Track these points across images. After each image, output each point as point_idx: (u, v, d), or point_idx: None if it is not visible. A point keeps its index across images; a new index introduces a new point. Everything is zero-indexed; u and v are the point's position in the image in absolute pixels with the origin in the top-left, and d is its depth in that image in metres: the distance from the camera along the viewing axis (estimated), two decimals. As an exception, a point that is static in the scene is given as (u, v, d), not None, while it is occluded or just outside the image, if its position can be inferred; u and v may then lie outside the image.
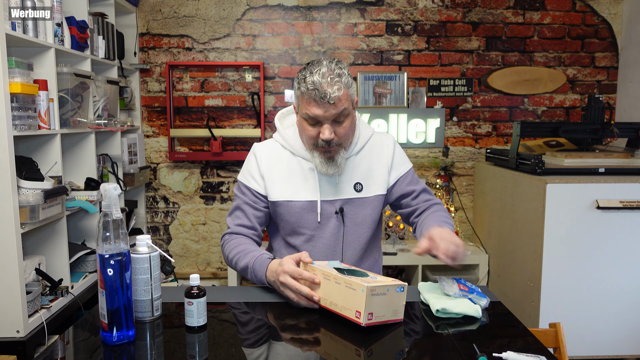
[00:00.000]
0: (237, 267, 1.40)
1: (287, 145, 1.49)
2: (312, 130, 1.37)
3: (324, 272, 1.15)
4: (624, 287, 2.23)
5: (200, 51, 3.04)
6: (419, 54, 3.08)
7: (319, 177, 1.45)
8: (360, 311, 1.05)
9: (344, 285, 1.09)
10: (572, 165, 2.37)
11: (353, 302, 1.07)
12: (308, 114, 1.34)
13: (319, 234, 1.46)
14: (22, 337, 1.74)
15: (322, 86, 1.29)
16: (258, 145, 1.53)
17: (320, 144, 1.37)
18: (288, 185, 1.46)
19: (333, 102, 1.30)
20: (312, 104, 1.32)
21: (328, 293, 1.14)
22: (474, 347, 0.99)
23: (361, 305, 1.05)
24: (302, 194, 1.45)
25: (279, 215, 1.48)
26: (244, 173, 1.51)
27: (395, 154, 1.53)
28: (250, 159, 1.52)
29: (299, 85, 1.35)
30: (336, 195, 1.46)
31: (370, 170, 1.49)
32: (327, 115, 1.32)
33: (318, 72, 1.30)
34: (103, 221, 1.02)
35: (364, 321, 1.05)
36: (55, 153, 2.01)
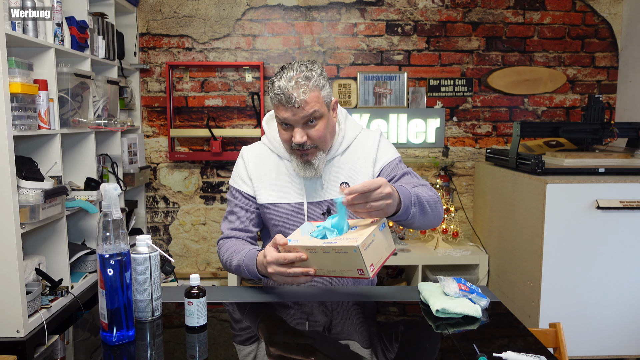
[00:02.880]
0: (232, 269, 1.40)
1: (273, 148, 1.50)
2: (286, 133, 1.37)
3: (308, 247, 1.13)
4: (624, 287, 2.23)
5: (200, 51, 3.04)
6: (419, 54, 3.08)
7: (304, 179, 1.45)
8: (362, 268, 1.06)
9: (334, 252, 1.08)
10: (572, 165, 2.37)
11: (350, 263, 1.07)
12: (279, 118, 1.34)
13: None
14: (22, 337, 1.74)
15: (287, 90, 1.28)
16: (246, 148, 1.54)
17: (294, 147, 1.37)
18: (275, 187, 1.46)
19: (299, 105, 1.29)
20: (280, 108, 1.32)
21: (321, 263, 1.13)
22: (474, 347, 0.99)
23: (360, 263, 1.06)
24: (289, 196, 1.45)
25: (267, 218, 1.48)
26: (234, 177, 1.53)
27: (380, 147, 1.49)
28: (238, 162, 1.53)
29: (268, 90, 1.35)
30: (322, 197, 1.45)
31: (356, 169, 1.47)
32: (297, 119, 1.32)
33: (285, 76, 1.30)
34: (103, 221, 1.02)
35: (369, 275, 1.06)
36: (55, 153, 2.01)
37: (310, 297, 1.31)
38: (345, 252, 1.06)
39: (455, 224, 3.03)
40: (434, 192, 1.34)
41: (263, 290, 1.37)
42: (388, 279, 3.24)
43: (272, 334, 1.11)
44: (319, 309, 1.23)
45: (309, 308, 1.24)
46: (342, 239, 1.10)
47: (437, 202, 1.32)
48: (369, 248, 1.06)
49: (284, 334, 1.11)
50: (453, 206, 3.03)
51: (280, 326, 1.16)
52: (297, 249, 1.15)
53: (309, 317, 1.19)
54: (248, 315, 1.23)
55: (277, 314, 1.21)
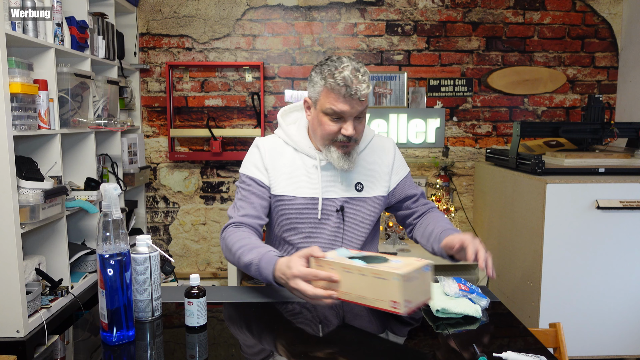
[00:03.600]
0: (239, 262, 1.33)
1: (290, 141, 1.49)
2: (334, 125, 1.36)
3: (344, 265, 1.06)
4: (624, 287, 2.23)
5: (200, 51, 3.04)
6: (419, 54, 3.08)
7: (321, 174, 1.45)
8: (398, 301, 0.99)
9: (372, 276, 1.02)
10: (572, 165, 2.37)
11: (386, 292, 1.00)
12: (333, 109, 1.33)
13: (318, 232, 1.45)
14: (22, 337, 1.74)
15: (352, 82, 1.28)
16: (260, 139, 1.52)
17: (340, 139, 1.37)
18: (290, 180, 1.45)
19: (363, 99, 1.32)
20: (339, 100, 1.31)
21: (353, 286, 1.05)
22: (474, 347, 0.99)
23: (397, 295, 0.99)
24: (304, 190, 1.44)
25: (279, 210, 1.47)
26: (247, 166, 1.49)
27: (396, 158, 1.55)
28: (253, 152, 1.50)
29: (324, 79, 1.32)
30: (337, 194, 1.46)
31: (372, 171, 1.50)
32: (353, 112, 1.33)
33: (347, 68, 1.29)
34: (103, 221, 1.02)
35: (403, 310, 0.99)
36: (55, 153, 2.01)
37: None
38: (384, 278, 1.00)
39: (455, 224, 3.03)
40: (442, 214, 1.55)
41: (264, 291, 1.37)
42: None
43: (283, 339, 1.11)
44: (319, 310, 1.23)
45: (310, 308, 1.24)
46: (385, 266, 1.03)
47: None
48: (409, 282, 1.00)
49: (295, 338, 1.11)
50: (453, 206, 3.03)
51: (289, 329, 1.15)
52: (332, 265, 1.09)
53: (307, 318, 1.19)
54: (255, 322, 1.23)
55: (285, 316, 1.21)
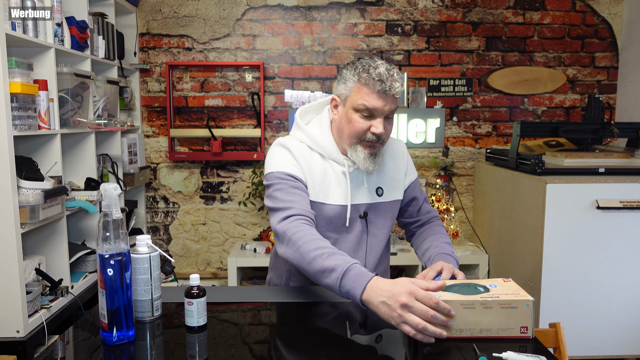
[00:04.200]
0: (313, 265, 1.16)
1: (316, 147, 1.42)
2: (363, 123, 1.33)
3: (464, 302, 1.02)
4: (624, 287, 2.23)
5: (200, 51, 3.04)
6: (419, 54, 3.08)
7: (351, 180, 1.41)
8: (528, 326, 1.03)
9: (499, 307, 1.02)
10: (572, 165, 2.37)
11: (516, 320, 1.03)
12: (366, 105, 1.30)
13: (343, 238, 1.43)
14: (22, 337, 1.74)
15: (387, 79, 1.28)
16: (285, 141, 1.42)
17: (369, 138, 1.34)
18: (321, 187, 1.40)
19: (397, 96, 1.31)
20: (373, 95, 1.30)
21: (475, 321, 1.03)
22: (473, 347, 0.99)
23: (527, 320, 1.03)
24: (333, 197, 1.40)
25: None
26: (282, 163, 1.38)
27: (409, 160, 1.56)
28: (282, 152, 1.40)
29: (358, 75, 1.31)
30: (361, 200, 1.43)
31: (389, 175, 1.49)
32: (385, 109, 1.31)
33: (382, 66, 1.29)
34: (103, 221, 1.02)
35: (532, 333, 1.03)
36: (55, 153, 2.01)
37: (311, 297, 1.30)
38: (513, 307, 1.02)
39: (455, 224, 3.03)
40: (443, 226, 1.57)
41: (264, 291, 1.37)
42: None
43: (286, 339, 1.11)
44: (319, 310, 1.23)
45: (310, 309, 1.24)
46: (498, 294, 1.05)
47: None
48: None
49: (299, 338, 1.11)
50: (453, 206, 3.03)
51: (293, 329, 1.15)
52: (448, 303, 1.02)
53: (308, 318, 1.19)
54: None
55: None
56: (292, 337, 1.10)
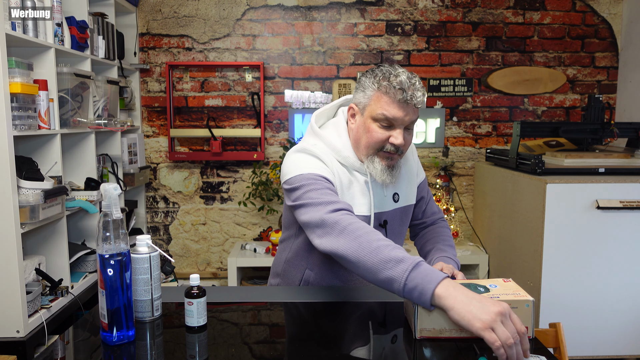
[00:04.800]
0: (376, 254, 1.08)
1: (341, 159, 1.35)
2: (382, 133, 1.27)
3: None
4: (624, 287, 2.23)
5: (200, 51, 3.04)
6: (419, 54, 3.08)
7: (373, 191, 1.37)
8: (528, 326, 1.02)
9: None
10: (572, 165, 2.37)
11: None
12: (386, 115, 1.25)
13: None
14: (22, 337, 1.74)
15: (409, 88, 1.23)
16: (310, 146, 1.34)
17: (388, 149, 1.29)
18: (347, 196, 1.35)
19: (419, 106, 1.25)
20: (394, 105, 1.24)
21: None
22: (473, 347, 0.99)
23: (528, 320, 1.02)
24: (358, 207, 1.35)
25: None
26: (309, 166, 1.29)
27: (419, 161, 1.55)
28: (307, 158, 1.32)
29: (379, 83, 1.25)
30: (382, 208, 1.41)
31: (404, 180, 1.46)
32: (406, 120, 1.26)
33: (403, 74, 1.24)
34: (103, 221, 1.02)
35: (532, 334, 1.03)
36: (55, 153, 2.01)
37: (312, 297, 1.30)
38: (513, 307, 1.02)
39: (455, 224, 3.03)
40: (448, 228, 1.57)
41: (264, 291, 1.37)
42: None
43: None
44: (320, 311, 1.23)
45: (310, 309, 1.24)
46: (498, 294, 1.04)
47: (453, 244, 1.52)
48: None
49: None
50: (453, 206, 3.03)
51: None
52: None
53: (309, 318, 1.19)
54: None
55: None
56: (293, 338, 1.10)
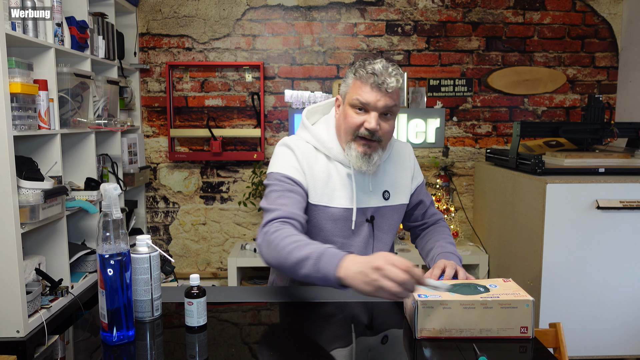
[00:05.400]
0: (290, 257, 1.15)
1: (322, 147, 1.41)
2: (357, 118, 1.32)
3: (464, 302, 1.03)
4: (624, 287, 2.23)
5: (200, 51, 3.04)
6: (419, 54, 3.08)
7: (356, 183, 1.40)
8: (528, 326, 1.03)
9: (499, 307, 1.03)
10: (572, 165, 2.37)
11: (515, 320, 1.03)
12: (359, 100, 1.30)
13: (350, 242, 1.42)
14: (22, 337, 1.74)
15: (382, 74, 1.28)
16: (291, 141, 1.42)
17: (362, 134, 1.32)
18: (326, 189, 1.38)
19: (390, 90, 1.29)
20: (366, 89, 1.30)
21: (475, 321, 1.04)
22: (473, 347, 0.99)
23: (527, 320, 1.03)
24: (338, 200, 1.39)
25: (314, 220, 1.40)
26: (283, 164, 1.38)
27: (416, 163, 1.55)
28: (286, 153, 1.40)
29: (355, 70, 1.33)
30: (368, 203, 1.42)
31: (396, 178, 1.48)
32: (379, 105, 1.30)
33: (380, 62, 1.31)
34: (103, 221, 1.02)
35: (532, 333, 1.04)
36: (55, 153, 2.01)
37: (312, 297, 1.30)
38: (513, 307, 1.03)
39: (455, 224, 3.03)
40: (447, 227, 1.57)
41: (264, 291, 1.36)
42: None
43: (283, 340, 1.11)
44: (321, 311, 1.23)
45: (311, 309, 1.24)
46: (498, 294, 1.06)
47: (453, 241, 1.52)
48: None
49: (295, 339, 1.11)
50: (453, 206, 3.03)
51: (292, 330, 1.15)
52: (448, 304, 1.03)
53: (309, 318, 1.19)
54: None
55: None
56: (293, 338, 1.10)
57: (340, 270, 1.06)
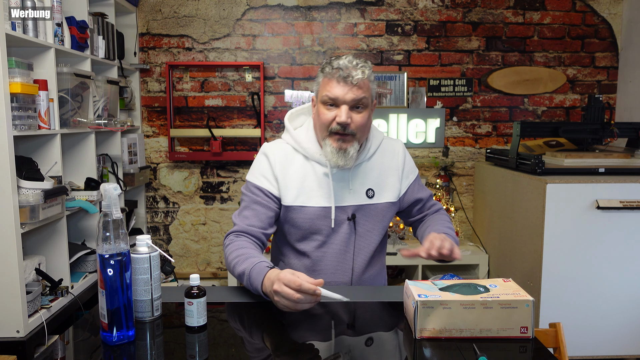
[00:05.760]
0: (234, 272, 1.31)
1: (299, 148, 1.45)
2: (329, 113, 1.35)
3: (464, 302, 1.03)
4: (624, 287, 2.23)
5: (200, 51, 3.04)
6: (419, 54, 3.08)
7: (333, 182, 1.42)
8: (528, 326, 1.03)
9: (499, 307, 1.03)
10: (572, 165, 2.37)
11: (515, 320, 1.03)
12: (328, 96, 1.33)
13: (330, 240, 1.43)
14: (22, 337, 1.74)
15: (347, 67, 1.32)
16: (269, 146, 1.47)
17: (335, 129, 1.34)
18: (302, 189, 1.41)
19: (356, 83, 1.31)
20: (333, 84, 1.33)
21: (475, 321, 1.04)
22: (473, 347, 0.99)
23: (527, 320, 1.03)
24: (315, 199, 1.41)
25: (291, 220, 1.43)
26: (254, 173, 1.45)
27: (406, 162, 1.53)
28: (261, 160, 1.46)
29: (322, 69, 1.37)
30: (349, 201, 1.43)
31: (382, 177, 1.48)
32: (347, 98, 1.32)
33: (345, 58, 1.35)
34: (103, 221, 1.02)
35: (532, 333, 1.04)
36: (55, 153, 2.01)
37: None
38: (513, 307, 1.03)
39: (455, 224, 3.03)
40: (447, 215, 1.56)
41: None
42: (388, 278, 3.24)
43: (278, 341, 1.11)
44: (321, 311, 1.23)
45: (312, 309, 1.24)
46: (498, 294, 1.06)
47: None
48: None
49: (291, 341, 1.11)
50: (453, 206, 3.03)
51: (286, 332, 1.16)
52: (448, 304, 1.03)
53: (310, 318, 1.19)
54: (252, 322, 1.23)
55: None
56: (293, 338, 1.10)
57: (263, 287, 1.19)
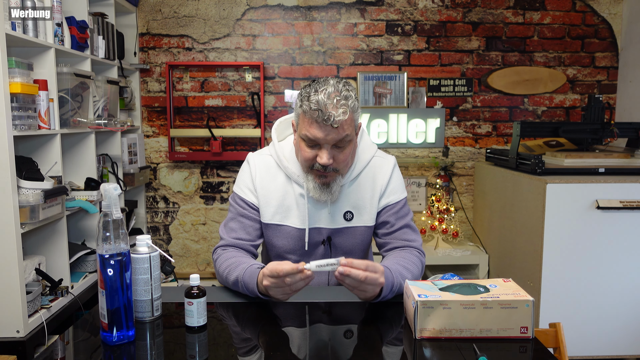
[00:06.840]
0: (228, 282, 1.29)
1: (282, 166, 1.41)
2: (309, 152, 1.28)
3: (464, 302, 1.03)
4: (624, 287, 2.23)
5: (200, 51, 3.04)
6: (419, 54, 3.08)
7: (310, 204, 1.38)
8: (528, 326, 1.03)
9: (499, 307, 1.03)
10: (572, 165, 2.37)
11: (515, 320, 1.03)
12: (308, 136, 1.25)
13: (306, 260, 1.35)
14: (22, 337, 1.74)
15: (326, 107, 1.20)
16: (254, 157, 1.45)
17: (316, 167, 1.29)
18: (280, 208, 1.39)
19: (337, 125, 1.21)
20: (313, 125, 1.23)
21: (475, 321, 1.03)
22: (473, 347, 0.99)
23: (527, 320, 1.03)
24: (292, 219, 1.39)
25: (268, 238, 1.44)
26: (240, 185, 1.45)
27: (391, 181, 1.43)
28: (245, 170, 1.45)
29: (301, 102, 1.25)
30: (325, 224, 1.39)
31: (362, 199, 1.41)
32: (328, 139, 1.24)
33: (324, 92, 1.21)
34: (103, 221, 1.02)
35: (532, 333, 1.04)
36: (55, 153, 2.01)
37: (312, 297, 1.30)
38: (513, 307, 1.03)
39: (455, 224, 3.03)
40: (420, 265, 1.35)
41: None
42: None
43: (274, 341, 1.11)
44: (321, 311, 1.23)
45: (312, 309, 1.24)
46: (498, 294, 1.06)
47: (418, 277, 1.33)
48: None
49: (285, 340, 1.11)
50: (453, 206, 3.03)
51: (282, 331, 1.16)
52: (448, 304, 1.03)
53: (308, 317, 1.19)
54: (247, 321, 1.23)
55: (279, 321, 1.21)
56: (293, 337, 1.10)
57: (259, 287, 1.20)
